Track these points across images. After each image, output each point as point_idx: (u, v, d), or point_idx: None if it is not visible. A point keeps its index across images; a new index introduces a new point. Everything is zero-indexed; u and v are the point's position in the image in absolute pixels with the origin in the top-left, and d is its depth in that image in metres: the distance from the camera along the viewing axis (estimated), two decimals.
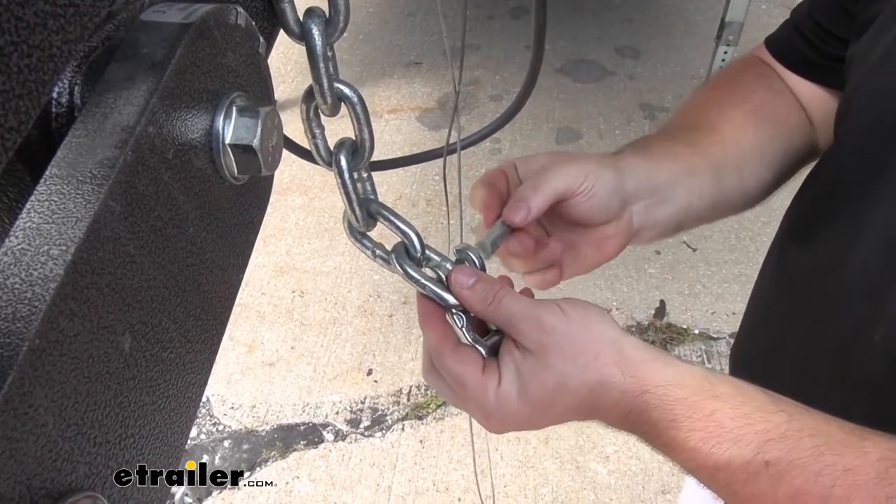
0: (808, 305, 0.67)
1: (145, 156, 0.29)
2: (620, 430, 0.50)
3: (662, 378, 0.47)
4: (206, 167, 0.34)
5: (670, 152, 0.65)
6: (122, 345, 0.28)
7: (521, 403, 0.48)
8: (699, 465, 0.45)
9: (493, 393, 0.49)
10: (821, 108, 0.73)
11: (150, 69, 0.30)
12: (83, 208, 0.26)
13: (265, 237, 2.59)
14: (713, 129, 0.69)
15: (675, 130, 0.70)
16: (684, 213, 0.66)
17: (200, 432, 2.03)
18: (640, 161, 0.63)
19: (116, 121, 0.28)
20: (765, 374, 0.75)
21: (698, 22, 3.74)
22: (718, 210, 0.69)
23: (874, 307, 0.58)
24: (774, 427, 0.44)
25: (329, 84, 0.42)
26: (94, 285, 0.26)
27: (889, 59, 0.58)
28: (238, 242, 0.38)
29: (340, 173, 0.47)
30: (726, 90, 0.74)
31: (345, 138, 0.48)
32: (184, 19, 0.32)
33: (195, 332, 0.34)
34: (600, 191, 0.58)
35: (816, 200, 0.70)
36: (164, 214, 0.30)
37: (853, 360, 0.61)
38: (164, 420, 0.32)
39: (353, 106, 0.44)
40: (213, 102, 0.34)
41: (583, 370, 0.48)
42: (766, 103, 0.72)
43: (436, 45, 3.55)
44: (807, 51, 0.72)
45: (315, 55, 0.41)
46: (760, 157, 0.70)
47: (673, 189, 0.64)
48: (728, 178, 0.68)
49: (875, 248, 0.58)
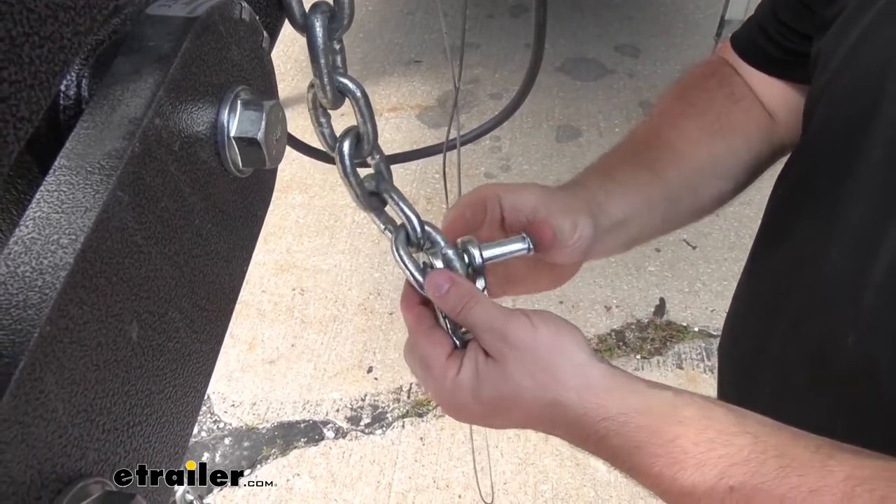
0: (787, 306, 0.68)
1: (152, 147, 0.29)
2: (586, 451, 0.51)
3: (626, 405, 0.47)
4: (211, 160, 0.35)
5: (633, 183, 0.66)
6: (130, 333, 0.28)
7: (473, 400, 0.49)
8: (665, 490, 0.45)
9: (451, 380, 0.50)
10: (785, 105, 0.74)
11: (156, 62, 0.30)
12: (92, 198, 0.26)
13: (265, 235, 2.59)
14: (670, 148, 0.70)
15: (636, 150, 0.71)
16: (636, 237, 0.68)
17: (201, 430, 2.03)
18: (607, 200, 0.63)
19: (124, 113, 0.29)
20: (749, 374, 0.76)
21: (698, 20, 3.74)
22: (670, 226, 0.70)
23: (850, 307, 0.58)
24: (738, 451, 0.44)
25: (329, 78, 0.42)
26: (102, 274, 0.26)
27: (852, 60, 0.59)
28: (242, 235, 0.39)
29: (342, 161, 0.48)
30: (686, 101, 0.75)
31: (350, 127, 0.48)
32: (189, 13, 0.32)
33: (200, 322, 0.34)
34: (584, 242, 0.59)
35: (788, 199, 0.70)
36: (171, 205, 0.31)
37: (829, 362, 0.61)
38: (170, 409, 0.32)
39: (356, 101, 0.44)
40: (218, 96, 0.35)
41: (539, 387, 0.48)
42: (724, 113, 0.72)
43: (435, 43, 3.55)
44: (770, 48, 0.73)
45: (315, 49, 0.41)
46: (714, 170, 0.71)
47: (630, 222, 0.65)
48: (682, 198, 0.69)
49: (848, 247, 0.59)
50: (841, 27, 0.61)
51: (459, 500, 1.84)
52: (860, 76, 0.58)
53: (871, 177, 0.56)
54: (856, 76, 0.58)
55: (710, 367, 2.14)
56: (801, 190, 0.67)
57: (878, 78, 0.55)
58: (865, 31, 0.58)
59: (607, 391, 0.47)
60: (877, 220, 0.56)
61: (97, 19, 0.27)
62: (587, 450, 0.49)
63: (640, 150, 0.71)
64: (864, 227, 0.57)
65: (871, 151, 0.56)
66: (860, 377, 0.58)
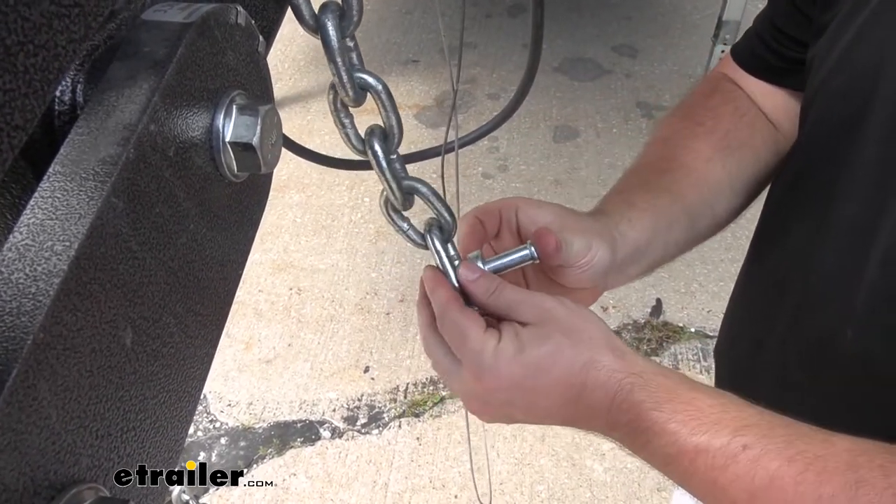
0: (783, 305, 0.68)
1: (147, 153, 0.29)
2: (599, 430, 0.53)
3: (647, 367, 0.51)
4: (206, 165, 0.35)
5: (653, 209, 0.66)
6: (124, 339, 0.28)
7: (516, 363, 0.50)
8: (679, 450, 0.47)
9: (492, 349, 0.51)
10: (786, 112, 0.75)
11: (151, 68, 0.30)
12: (86, 205, 0.26)
13: (262, 234, 2.59)
14: (687, 168, 0.70)
15: (652, 175, 0.71)
16: (658, 260, 0.68)
17: (197, 429, 2.03)
18: (628, 229, 0.64)
19: (119, 119, 0.29)
20: (746, 374, 0.76)
21: (696, 21, 3.74)
22: (689, 245, 0.71)
23: (845, 304, 0.59)
24: (748, 416, 0.47)
25: (349, 76, 0.42)
26: (96, 281, 0.26)
27: (846, 61, 0.59)
28: (238, 239, 0.39)
29: (376, 158, 0.47)
30: (694, 121, 0.75)
31: (374, 126, 0.48)
32: (185, 19, 0.32)
33: (195, 327, 0.34)
34: (598, 265, 0.59)
35: (783, 199, 0.71)
36: (166, 211, 0.31)
37: (827, 360, 0.62)
38: (164, 414, 0.32)
39: (378, 94, 0.43)
40: (214, 101, 0.35)
41: (576, 344, 0.51)
42: (732, 129, 0.73)
43: (433, 42, 3.55)
44: (769, 56, 0.74)
45: (331, 48, 0.40)
46: (730, 187, 0.72)
47: (651, 247, 0.65)
48: (701, 217, 0.70)
49: (842, 246, 0.60)
50: (835, 30, 0.61)
51: (456, 500, 1.85)
52: (854, 76, 0.59)
53: (865, 176, 0.57)
54: (850, 77, 0.59)
55: (706, 368, 2.14)
56: (796, 190, 0.68)
57: (872, 79, 0.56)
58: (859, 31, 0.58)
59: (630, 354, 0.52)
60: (870, 218, 0.56)
61: (92, 26, 0.27)
62: (606, 420, 0.51)
63: (657, 175, 0.71)
64: (858, 225, 0.58)
65: (864, 150, 0.57)
66: (858, 373, 0.59)
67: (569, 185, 2.77)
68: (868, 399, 0.59)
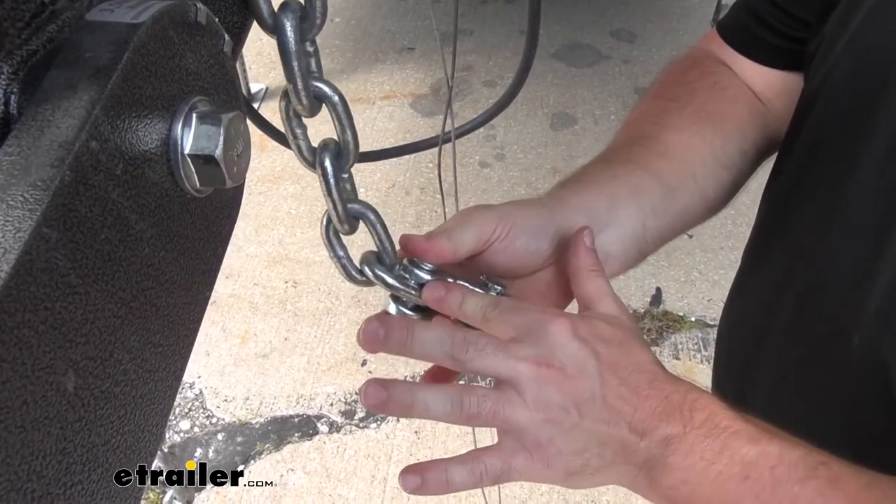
0: (785, 302, 0.65)
1: (87, 174, 0.26)
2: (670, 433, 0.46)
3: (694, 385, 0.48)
4: (163, 180, 0.31)
5: (607, 175, 0.62)
6: (65, 385, 0.25)
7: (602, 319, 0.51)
8: (761, 452, 0.43)
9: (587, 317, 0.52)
10: (780, 93, 0.70)
11: (93, 76, 0.27)
12: (12, 238, 0.23)
13: (257, 227, 2.56)
14: (655, 140, 0.65)
15: (613, 152, 0.67)
16: (641, 237, 0.62)
17: (194, 425, 2.01)
18: (570, 193, 0.59)
19: (53, 136, 0.25)
20: (747, 366, 0.74)
21: (694, 4, 3.68)
22: (680, 223, 0.65)
23: (853, 310, 0.55)
24: (796, 441, 0.44)
25: (304, 84, 0.39)
26: (26, 324, 0.23)
27: (858, 42, 0.55)
28: (204, 258, 0.35)
29: (325, 176, 0.45)
30: (665, 98, 0.70)
31: (328, 139, 0.45)
32: (133, 19, 0.29)
33: (154, 360, 0.31)
34: (520, 234, 0.54)
35: (786, 191, 0.67)
36: (114, 237, 0.28)
37: (829, 361, 0.59)
38: (118, 459, 0.29)
39: (334, 106, 0.41)
40: (171, 109, 0.31)
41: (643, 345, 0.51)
42: (710, 101, 0.68)
43: (428, 29, 3.49)
44: (763, 33, 0.68)
45: (287, 52, 0.38)
46: (714, 160, 0.66)
47: (616, 213, 0.60)
48: (682, 188, 0.64)
49: (849, 242, 0.56)
50: (844, 12, 0.57)
51: (455, 494, 1.83)
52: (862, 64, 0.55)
53: (875, 169, 0.53)
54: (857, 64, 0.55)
55: (706, 358, 2.12)
56: (800, 183, 0.64)
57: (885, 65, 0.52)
58: (870, 11, 0.54)
59: None
60: (882, 215, 0.52)
61: (24, 31, 0.23)
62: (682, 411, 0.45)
63: (615, 152, 0.67)
64: (868, 224, 0.54)
65: (876, 139, 0.52)
66: (865, 376, 0.55)
67: (567, 173, 2.72)
68: (873, 399, 0.56)
